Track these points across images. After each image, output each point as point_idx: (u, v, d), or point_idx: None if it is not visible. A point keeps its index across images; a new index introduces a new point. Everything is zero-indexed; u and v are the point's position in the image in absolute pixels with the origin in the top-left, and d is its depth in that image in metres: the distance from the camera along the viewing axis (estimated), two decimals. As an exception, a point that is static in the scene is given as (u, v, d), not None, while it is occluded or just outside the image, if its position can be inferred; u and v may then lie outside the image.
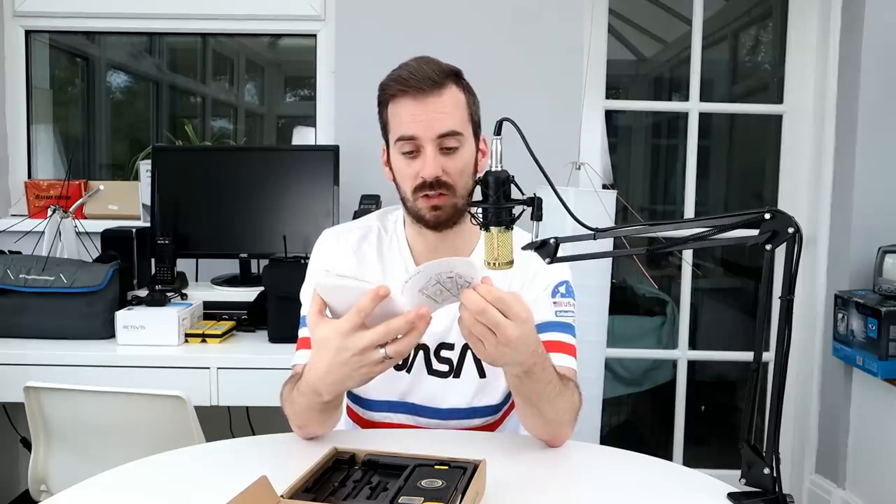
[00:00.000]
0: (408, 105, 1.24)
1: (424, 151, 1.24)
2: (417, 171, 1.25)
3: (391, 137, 1.28)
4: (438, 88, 1.23)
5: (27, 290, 2.05)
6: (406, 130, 1.24)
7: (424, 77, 1.22)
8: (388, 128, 1.29)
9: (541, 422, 1.21)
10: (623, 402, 3.43)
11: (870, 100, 2.46)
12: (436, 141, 1.23)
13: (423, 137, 1.23)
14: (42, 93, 2.90)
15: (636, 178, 4.45)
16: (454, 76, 1.27)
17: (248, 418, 2.34)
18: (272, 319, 2.07)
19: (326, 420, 1.22)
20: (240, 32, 2.92)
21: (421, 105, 1.23)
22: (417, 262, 1.35)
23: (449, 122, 1.24)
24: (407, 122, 1.24)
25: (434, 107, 1.23)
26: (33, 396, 1.58)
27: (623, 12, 3.60)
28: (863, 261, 2.48)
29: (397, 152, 1.27)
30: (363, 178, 2.30)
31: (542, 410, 1.17)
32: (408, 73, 1.23)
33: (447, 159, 1.25)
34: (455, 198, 1.26)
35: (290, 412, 1.22)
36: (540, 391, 1.15)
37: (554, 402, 1.17)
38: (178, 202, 2.36)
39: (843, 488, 2.53)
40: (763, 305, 1.09)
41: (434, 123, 1.23)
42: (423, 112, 1.23)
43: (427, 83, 1.22)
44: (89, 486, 1.10)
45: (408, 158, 1.26)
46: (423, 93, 1.22)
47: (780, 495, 1.04)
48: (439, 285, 1.04)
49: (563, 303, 1.32)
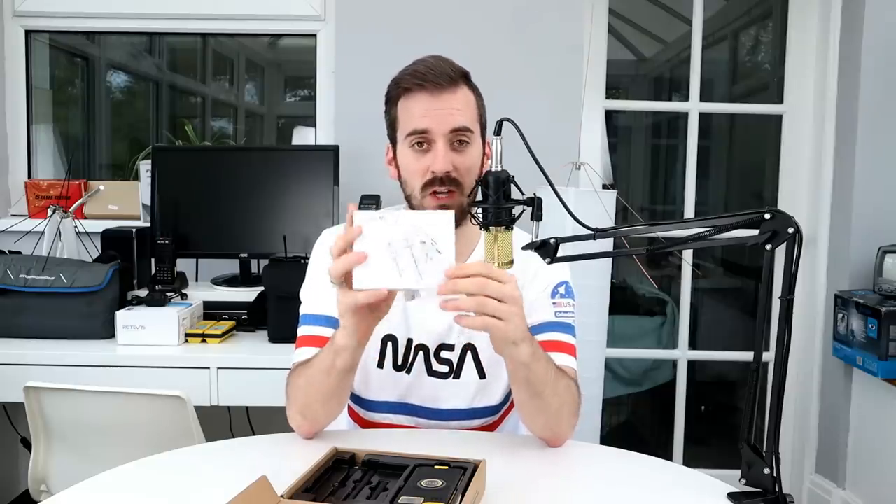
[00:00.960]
0: (422, 100, 1.24)
1: (436, 145, 1.24)
2: (427, 166, 1.25)
3: (400, 133, 1.28)
4: (454, 86, 1.25)
5: (27, 290, 2.05)
6: (419, 124, 1.24)
7: (442, 73, 1.24)
8: (398, 124, 1.29)
9: (544, 416, 1.21)
10: (623, 402, 3.43)
11: (870, 100, 2.46)
12: (448, 136, 1.24)
13: (436, 132, 1.24)
14: (42, 93, 2.90)
15: (636, 178, 4.45)
16: (465, 77, 1.29)
17: (248, 418, 2.34)
18: (272, 319, 2.07)
19: (329, 400, 1.21)
20: (240, 32, 2.92)
21: (436, 100, 1.24)
22: None
23: (461, 118, 1.25)
24: (420, 116, 1.24)
25: (449, 102, 1.24)
26: (33, 396, 1.58)
27: (623, 12, 3.60)
28: (863, 261, 2.48)
29: (406, 147, 1.27)
30: (363, 178, 2.30)
31: (547, 400, 1.17)
32: (425, 68, 1.25)
33: (457, 155, 1.25)
34: (462, 196, 1.26)
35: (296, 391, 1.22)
36: (543, 375, 1.15)
37: (556, 387, 1.18)
38: (178, 202, 2.36)
39: (843, 488, 2.53)
40: (763, 305, 1.10)
41: (447, 118, 1.24)
42: (437, 107, 1.24)
43: (444, 79, 1.24)
44: (89, 486, 1.10)
45: (417, 152, 1.26)
46: (439, 88, 1.24)
47: (780, 495, 1.04)
48: (409, 250, 1.04)
49: (563, 303, 1.32)
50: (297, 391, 1.22)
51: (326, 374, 1.17)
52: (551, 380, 1.17)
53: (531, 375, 1.14)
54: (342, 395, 1.23)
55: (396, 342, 1.33)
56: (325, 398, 1.21)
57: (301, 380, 1.22)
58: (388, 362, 1.34)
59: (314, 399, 1.21)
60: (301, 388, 1.21)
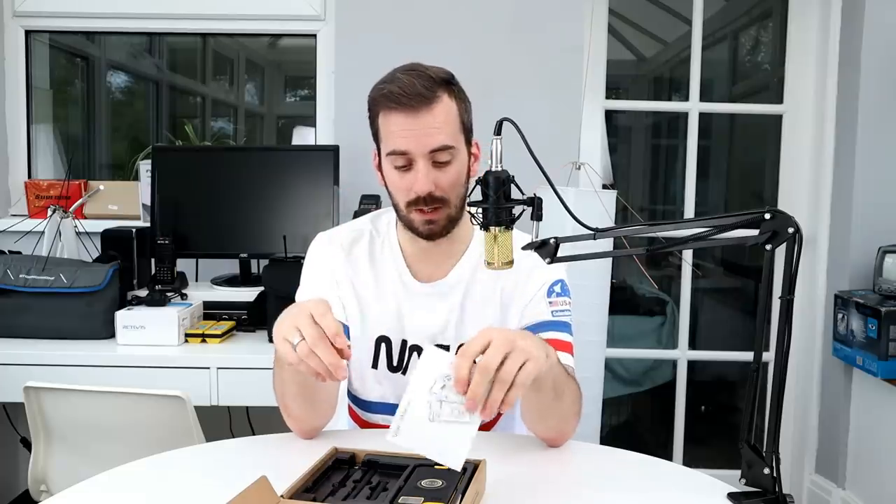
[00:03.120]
0: (399, 120, 1.21)
1: (416, 166, 1.22)
2: (410, 186, 1.23)
3: (383, 148, 1.26)
4: (429, 103, 1.20)
5: (27, 290, 2.05)
6: (398, 145, 1.22)
7: (415, 93, 1.19)
8: (380, 137, 1.27)
9: (558, 417, 1.21)
10: (623, 402, 3.43)
11: (870, 100, 2.46)
12: (428, 156, 1.22)
13: (416, 153, 1.21)
14: (42, 93, 2.90)
15: (636, 178, 4.44)
16: (445, 84, 1.23)
17: (248, 418, 2.34)
18: (272, 319, 2.06)
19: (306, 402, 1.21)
20: (240, 32, 2.92)
21: (412, 120, 1.20)
22: (409, 265, 1.34)
23: (440, 137, 1.21)
24: (398, 136, 1.21)
25: (426, 121, 1.20)
26: (33, 396, 1.58)
27: (623, 12, 3.60)
28: (863, 261, 2.48)
29: (389, 165, 1.25)
30: (363, 178, 2.28)
31: (557, 403, 1.17)
32: (398, 90, 1.20)
33: (439, 173, 1.23)
34: (449, 209, 1.25)
35: (274, 386, 1.24)
36: (557, 378, 1.15)
37: (567, 388, 1.18)
38: (178, 202, 2.36)
39: (843, 488, 2.53)
40: (763, 305, 1.10)
41: (426, 139, 1.21)
42: (415, 127, 1.20)
43: (417, 100, 1.19)
44: (89, 486, 1.10)
45: (400, 171, 1.24)
46: (413, 109, 1.20)
47: (780, 495, 1.04)
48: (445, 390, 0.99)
49: (559, 302, 1.32)
50: (274, 385, 1.25)
51: (280, 366, 1.19)
52: (561, 384, 1.17)
53: (544, 382, 1.13)
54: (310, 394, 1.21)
55: (390, 343, 1.33)
56: (292, 395, 1.21)
57: (274, 374, 1.24)
58: (382, 363, 1.34)
59: (284, 394, 1.22)
60: (275, 382, 1.24)
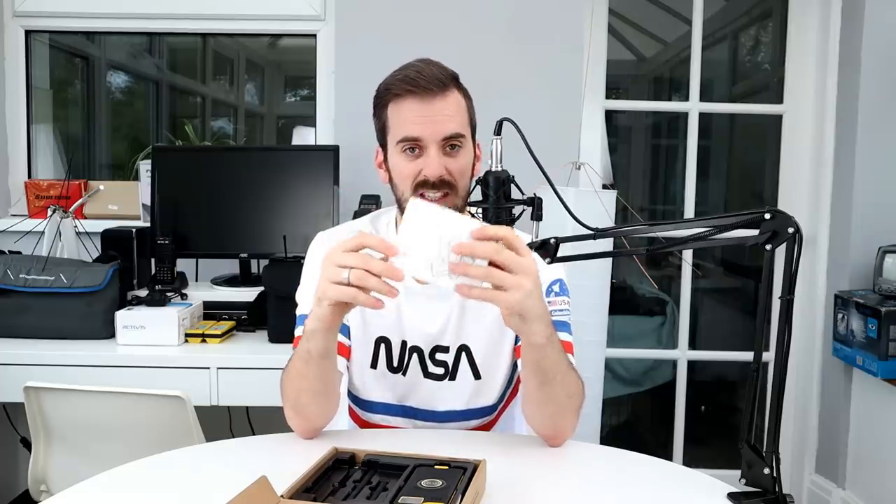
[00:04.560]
0: (413, 106, 1.23)
1: (428, 151, 1.23)
2: (419, 170, 1.24)
3: (391, 138, 1.27)
4: (444, 90, 1.23)
5: (27, 290, 2.05)
6: (411, 132, 1.23)
7: (433, 78, 1.22)
8: (388, 129, 1.28)
9: (552, 406, 1.20)
10: (623, 402, 3.43)
11: (870, 100, 2.46)
12: (440, 143, 1.23)
13: (428, 139, 1.23)
14: (42, 93, 2.90)
15: (636, 178, 4.44)
16: (455, 80, 1.27)
17: (248, 418, 2.34)
18: (272, 319, 2.07)
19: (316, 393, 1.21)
20: (240, 32, 2.91)
21: (427, 106, 1.22)
22: None
23: (452, 125, 1.24)
24: (411, 123, 1.23)
25: (440, 108, 1.23)
26: (33, 396, 1.58)
27: (623, 12, 3.60)
28: (863, 261, 2.48)
29: (398, 152, 1.26)
30: (363, 178, 2.29)
31: (556, 389, 1.17)
32: (416, 73, 1.23)
33: (450, 159, 1.24)
34: (456, 199, 1.25)
35: (285, 386, 1.22)
36: (555, 363, 1.15)
37: (566, 378, 1.18)
38: (178, 202, 2.36)
39: (843, 488, 2.53)
40: (763, 305, 1.10)
41: (439, 126, 1.23)
42: (429, 113, 1.22)
43: (435, 84, 1.22)
44: (89, 486, 1.10)
45: (409, 157, 1.25)
46: (430, 93, 1.22)
47: (780, 495, 1.04)
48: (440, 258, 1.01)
49: (558, 301, 1.32)
50: (286, 386, 1.23)
51: (305, 362, 1.17)
52: (563, 369, 1.17)
53: (544, 360, 1.13)
54: (328, 388, 1.22)
55: (390, 344, 1.33)
56: (310, 390, 1.21)
57: (288, 374, 1.23)
58: (381, 363, 1.34)
59: (301, 391, 1.21)
60: (288, 382, 1.22)
